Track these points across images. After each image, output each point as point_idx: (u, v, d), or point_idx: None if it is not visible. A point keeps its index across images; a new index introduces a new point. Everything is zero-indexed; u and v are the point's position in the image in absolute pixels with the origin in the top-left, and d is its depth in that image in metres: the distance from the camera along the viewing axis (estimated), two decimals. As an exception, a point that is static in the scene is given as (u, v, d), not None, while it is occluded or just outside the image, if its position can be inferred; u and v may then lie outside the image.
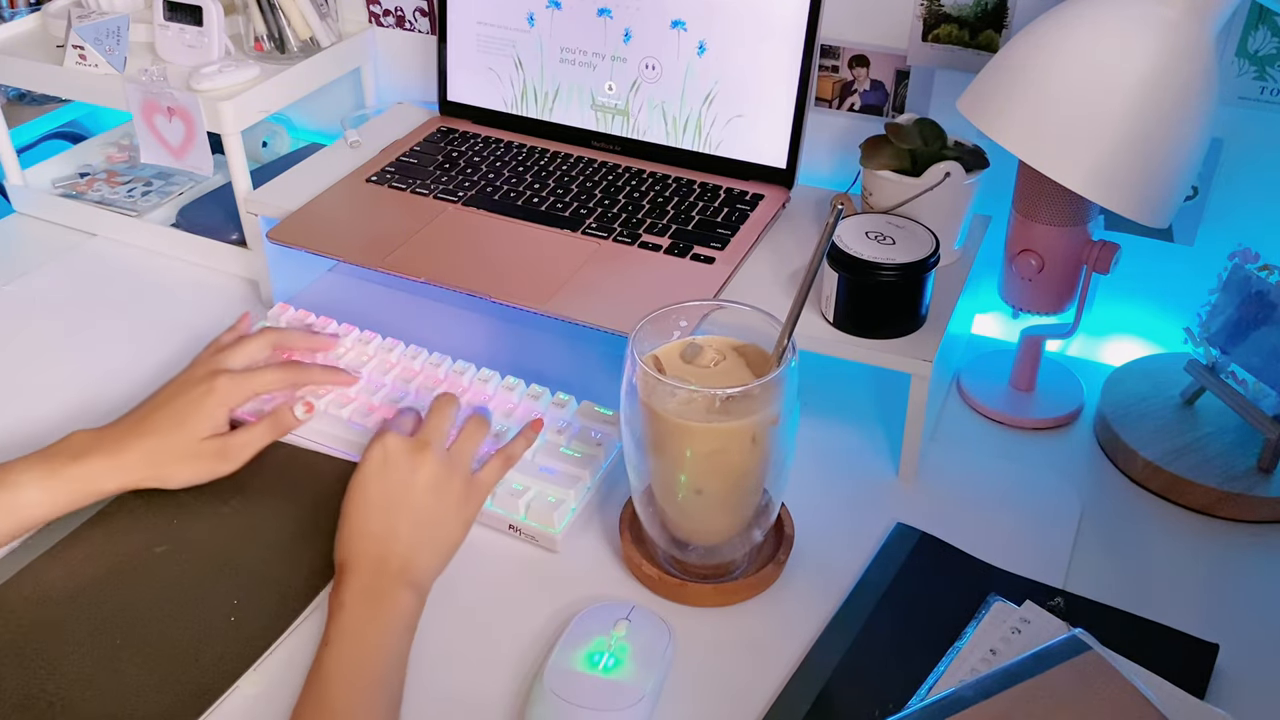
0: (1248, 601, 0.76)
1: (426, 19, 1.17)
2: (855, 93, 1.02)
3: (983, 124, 0.75)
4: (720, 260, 0.92)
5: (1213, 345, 0.86)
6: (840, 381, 0.95)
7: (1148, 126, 0.70)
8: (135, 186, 1.21)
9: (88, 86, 1.09)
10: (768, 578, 0.77)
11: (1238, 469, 0.83)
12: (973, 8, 0.94)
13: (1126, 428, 0.87)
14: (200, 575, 0.76)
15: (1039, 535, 0.81)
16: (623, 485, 0.81)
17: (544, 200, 1.00)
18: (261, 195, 1.02)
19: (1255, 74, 0.87)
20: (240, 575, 0.76)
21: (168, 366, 0.97)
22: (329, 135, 1.27)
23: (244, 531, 0.79)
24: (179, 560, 0.77)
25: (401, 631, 0.69)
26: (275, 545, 0.78)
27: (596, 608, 0.73)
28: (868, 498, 0.84)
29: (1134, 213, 0.73)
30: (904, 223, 0.85)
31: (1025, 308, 0.90)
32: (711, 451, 0.70)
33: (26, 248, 1.16)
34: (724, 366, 0.72)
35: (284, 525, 0.80)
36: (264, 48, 1.11)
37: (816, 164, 1.05)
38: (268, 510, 0.81)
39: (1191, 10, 0.70)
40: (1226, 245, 0.87)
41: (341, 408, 0.87)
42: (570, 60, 1.05)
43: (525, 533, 0.80)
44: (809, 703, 0.68)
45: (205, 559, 0.77)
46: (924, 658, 0.70)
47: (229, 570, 0.76)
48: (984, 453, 0.89)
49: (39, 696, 0.68)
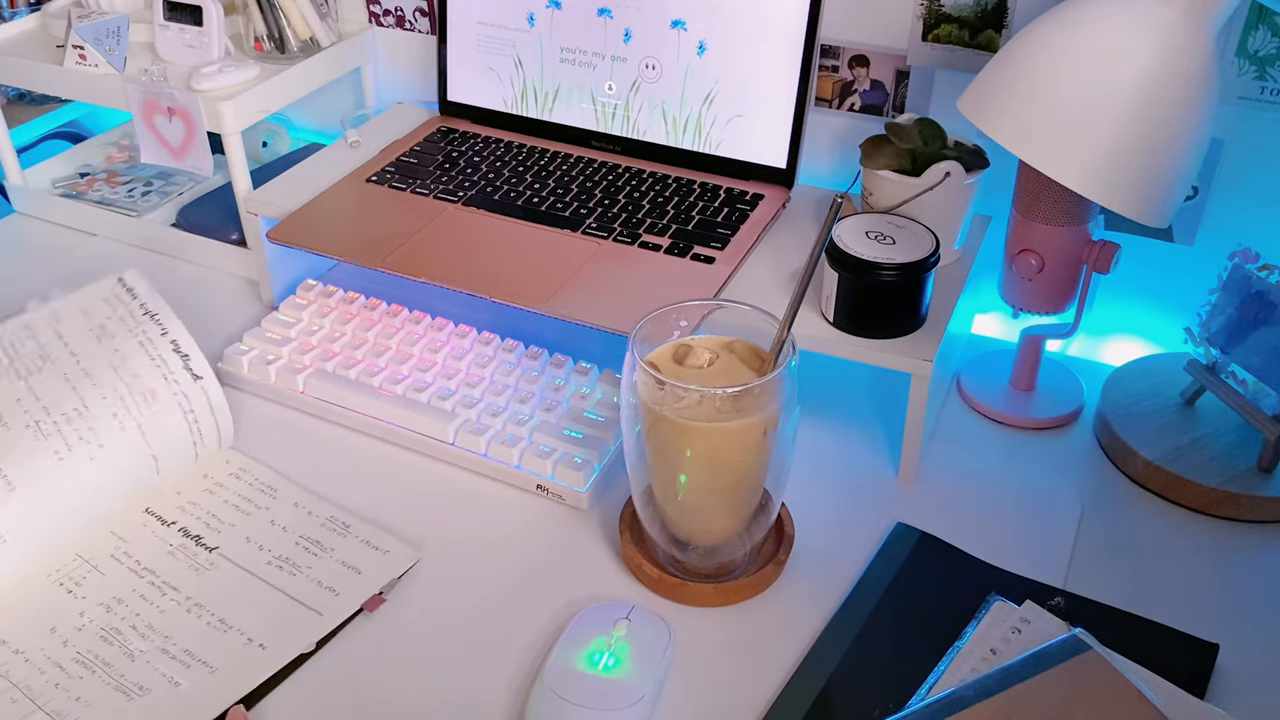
0: (1248, 601, 0.76)
1: (426, 19, 1.17)
2: (855, 93, 1.02)
3: (983, 124, 0.75)
4: (720, 260, 0.92)
5: (1213, 345, 0.86)
6: (840, 381, 0.95)
7: (1148, 126, 0.70)
8: (135, 186, 1.21)
9: (88, 86, 1.09)
10: (768, 578, 0.77)
11: (1238, 469, 0.83)
12: (973, 8, 0.94)
13: (1126, 428, 0.87)
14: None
15: (1039, 535, 0.81)
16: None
17: (544, 200, 1.00)
18: (261, 195, 1.02)
19: (1255, 74, 0.87)
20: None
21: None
22: (329, 135, 1.27)
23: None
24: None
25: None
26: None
27: (596, 607, 0.73)
28: (868, 498, 0.84)
29: (1134, 213, 0.73)
30: (904, 223, 0.85)
31: (1025, 308, 0.90)
32: (713, 451, 0.70)
33: (26, 248, 1.16)
34: (719, 366, 0.72)
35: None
36: (264, 48, 1.11)
37: (816, 164, 1.05)
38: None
39: (1191, 10, 0.70)
40: (1226, 245, 0.87)
41: (372, 376, 0.90)
42: (570, 60, 1.05)
43: (553, 492, 0.83)
44: (809, 703, 0.68)
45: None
46: (924, 658, 0.70)
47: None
48: (984, 453, 0.89)
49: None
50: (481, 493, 0.85)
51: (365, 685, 0.70)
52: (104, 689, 0.69)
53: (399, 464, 0.87)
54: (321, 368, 0.92)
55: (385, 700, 0.70)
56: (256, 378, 0.93)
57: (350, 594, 0.75)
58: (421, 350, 0.93)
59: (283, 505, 0.82)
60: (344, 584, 0.76)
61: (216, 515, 0.81)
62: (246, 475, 0.85)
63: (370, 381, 0.90)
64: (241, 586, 0.76)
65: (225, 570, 0.77)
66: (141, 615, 0.74)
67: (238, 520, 0.81)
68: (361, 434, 0.90)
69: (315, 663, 0.72)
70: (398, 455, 0.88)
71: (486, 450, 0.85)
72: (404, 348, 0.94)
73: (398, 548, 0.79)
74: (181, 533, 0.80)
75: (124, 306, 0.87)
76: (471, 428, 0.86)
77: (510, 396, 0.89)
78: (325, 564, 0.78)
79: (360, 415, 0.90)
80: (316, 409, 0.92)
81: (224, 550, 0.79)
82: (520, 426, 0.86)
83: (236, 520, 0.81)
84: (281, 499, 0.83)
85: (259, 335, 0.96)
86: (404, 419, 0.88)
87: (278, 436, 0.90)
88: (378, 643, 0.73)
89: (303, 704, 0.69)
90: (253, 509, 0.82)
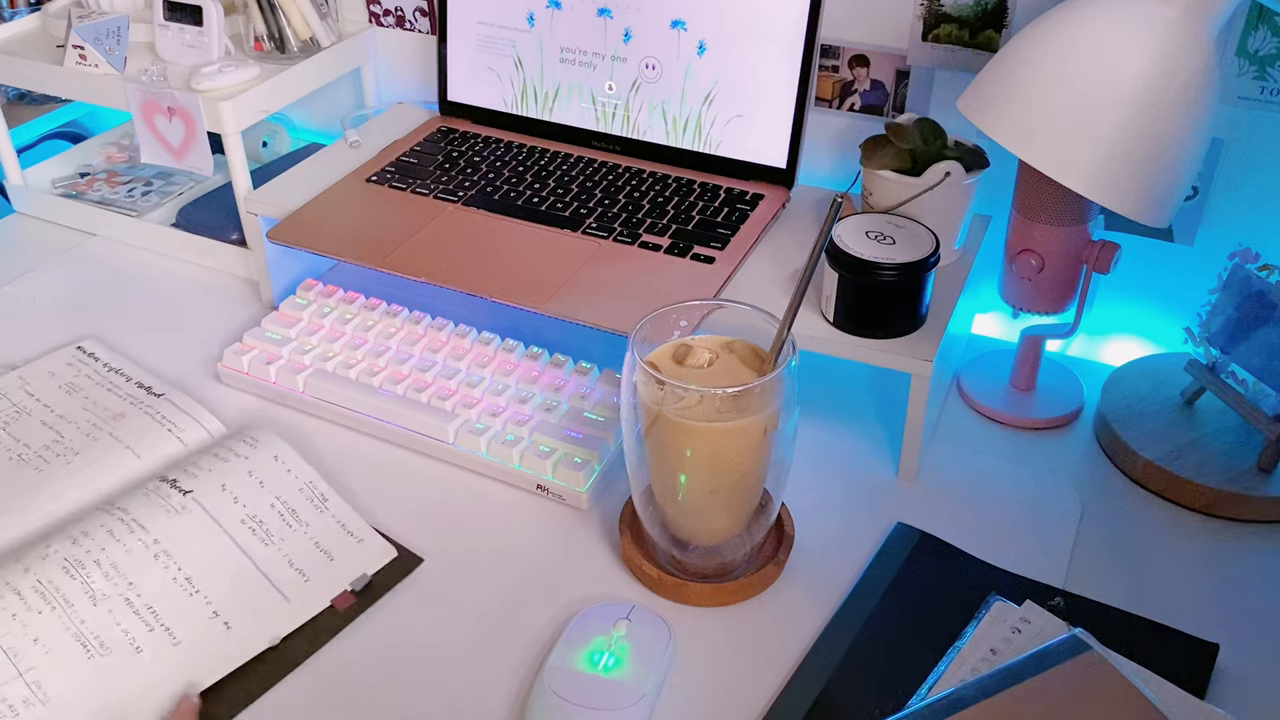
0: (1248, 601, 0.76)
1: (426, 19, 1.17)
2: (855, 92, 1.02)
3: (983, 124, 0.75)
4: (720, 260, 0.92)
5: (1213, 345, 0.86)
6: (840, 381, 0.95)
7: (1148, 126, 0.70)
8: (135, 186, 1.21)
9: (88, 86, 1.09)
10: (768, 578, 0.77)
11: (1238, 469, 0.83)
12: (973, 8, 0.94)
13: (1126, 428, 0.87)
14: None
15: (1039, 535, 0.81)
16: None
17: (544, 200, 1.00)
18: (261, 195, 1.02)
19: (1255, 74, 0.87)
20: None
21: (167, 367, 0.97)
22: (329, 135, 1.27)
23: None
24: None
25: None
26: None
27: (596, 607, 0.73)
28: (868, 498, 0.84)
29: (1134, 213, 0.73)
30: (904, 222, 0.85)
31: (1025, 308, 0.90)
32: (713, 451, 0.70)
33: (26, 248, 1.16)
34: (719, 366, 0.72)
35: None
36: (264, 48, 1.11)
37: (816, 164, 1.05)
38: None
39: (1191, 10, 0.70)
40: (1226, 245, 0.87)
41: (372, 376, 0.90)
42: (570, 60, 1.05)
43: (553, 492, 0.83)
44: (809, 703, 0.68)
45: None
46: (924, 658, 0.70)
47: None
48: (984, 453, 0.89)
49: None
50: (481, 493, 0.85)
51: (365, 684, 0.70)
52: (63, 634, 0.69)
53: (399, 464, 0.87)
54: (321, 368, 0.92)
55: (385, 699, 0.70)
56: (256, 378, 0.93)
57: (320, 582, 0.75)
58: (421, 350, 0.93)
59: (263, 457, 0.82)
60: (314, 569, 0.76)
61: (195, 462, 0.81)
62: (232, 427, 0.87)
63: (370, 381, 0.90)
64: (212, 541, 0.76)
65: (197, 518, 0.76)
66: (107, 551, 0.73)
67: (215, 466, 0.81)
68: (361, 434, 0.90)
69: (314, 661, 0.72)
70: (398, 455, 0.88)
71: (486, 450, 0.85)
72: (404, 348, 0.94)
73: (373, 539, 0.79)
74: (159, 477, 0.80)
75: (88, 367, 0.94)
76: (471, 428, 0.86)
77: (510, 396, 0.89)
78: (298, 539, 0.77)
79: (360, 415, 0.90)
80: (316, 409, 0.92)
81: (197, 495, 0.78)
82: (520, 426, 0.86)
83: (214, 466, 0.80)
84: (263, 451, 0.83)
85: (259, 335, 0.96)
86: (404, 419, 0.88)
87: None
88: (377, 642, 0.73)
89: (302, 703, 0.69)
90: (231, 457, 0.82)
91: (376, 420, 0.89)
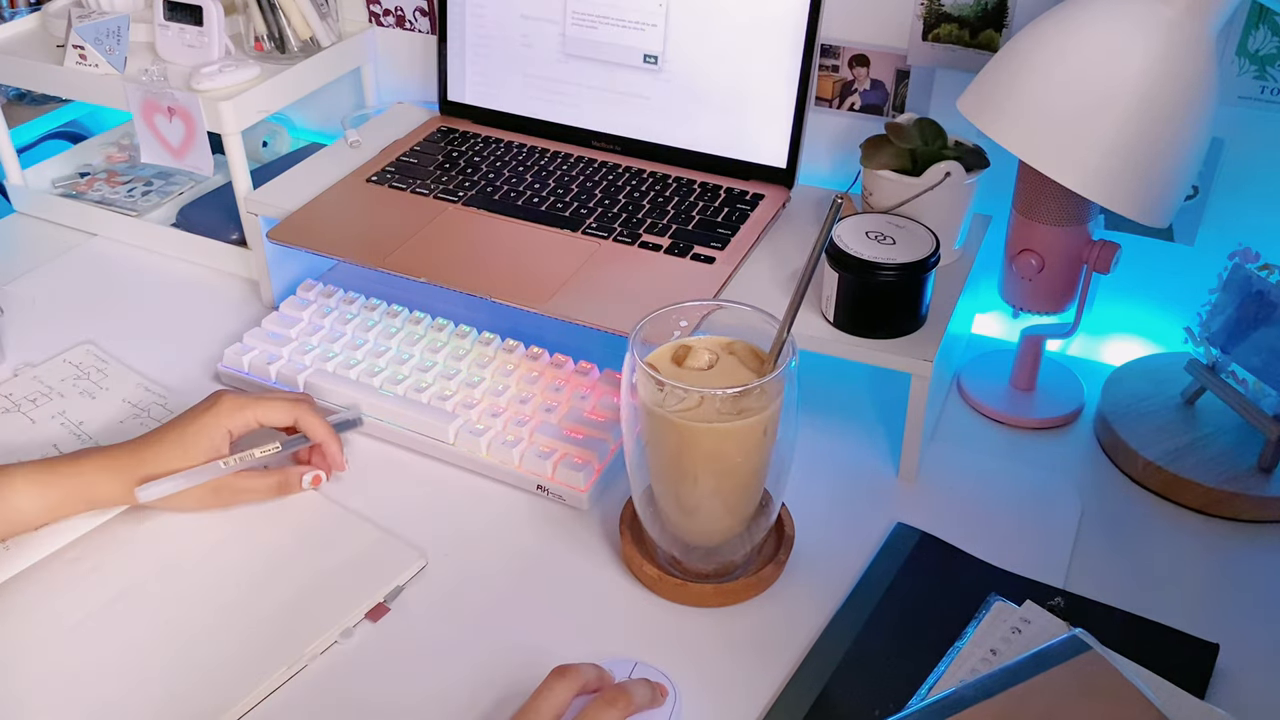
0: (1248, 601, 0.76)
1: (426, 19, 1.17)
2: (855, 92, 1.02)
3: (983, 124, 0.75)
4: (720, 260, 0.92)
5: (1213, 345, 0.86)
6: (840, 381, 0.95)
7: (1148, 126, 0.70)
8: (135, 186, 1.21)
9: (88, 86, 1.09)
10: (768, 578, 0.77)
11: (1238, 469, 0.83)
12: (973, 7, 0.94)
13: (1126, 427, 0.87)
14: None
15: (1039, 535, 0.81)
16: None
17: (544, 200, 1.00)
18: (261, 195, 1.02)
19: (1255, 74, 0.87)
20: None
21: (167, 366, 0.97)
22: (329, 135, 1.27)
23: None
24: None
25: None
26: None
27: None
28: (868, 498, 0.84)
29: (1134, 213, 0.73)
30: (904, 222, 0.85)
31: (1025, 307, 0.90)
32: (713, 452, 0.69)
33: (26, 248, 1.16)
34: (719, 366, 0.72)
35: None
36: (264, 48, 1.11)
37: (816, 164, 1.05)
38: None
39: (1191, 10, 0.70)
40: (1226, 245, 0.87)
41: (372, 376, 0.90)
42: (570, 60, 1.05)
43: (553, 492, 0.83)
44: (809, 702, 0.68)
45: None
46: (924, 658, 0.70)
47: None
48: (984, 453, 0.89)
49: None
50: (482, 493, 0.85)
51: (365, 684, 0.70)
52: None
53: (399, 464, 0.87)
54: (322, 368, 0.92)
55: (385, 700, 0.70)
56: (257, 377, 0.93)
57: (356, 595, 0.75)
58: (422, 350, 0.93)
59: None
60: (348, 582, 0.76)
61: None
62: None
63: (370, 382, 0.90)
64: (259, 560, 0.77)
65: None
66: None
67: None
68: (361, 434, 0.90)
69: (315, 661, 0.72)
70: (398, 455, 0.88)
71: (487, 451, 0.85)
72: (404, 348, 0.94)
73: (404, 550, 0.79)
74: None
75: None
76: (472, 428, 0.86)
77: (510, 397, 0.89)
78: (331, 555, 0.78)
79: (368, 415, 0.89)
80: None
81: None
82: (521, 427, 0.86)
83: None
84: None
85: (259, 335, 0.96)
86: (404, 419, 0.88)
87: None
88: (378, 642, 0.73)
89: (303, 703, 0.69)
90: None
91: (377, 420, 0.89)
